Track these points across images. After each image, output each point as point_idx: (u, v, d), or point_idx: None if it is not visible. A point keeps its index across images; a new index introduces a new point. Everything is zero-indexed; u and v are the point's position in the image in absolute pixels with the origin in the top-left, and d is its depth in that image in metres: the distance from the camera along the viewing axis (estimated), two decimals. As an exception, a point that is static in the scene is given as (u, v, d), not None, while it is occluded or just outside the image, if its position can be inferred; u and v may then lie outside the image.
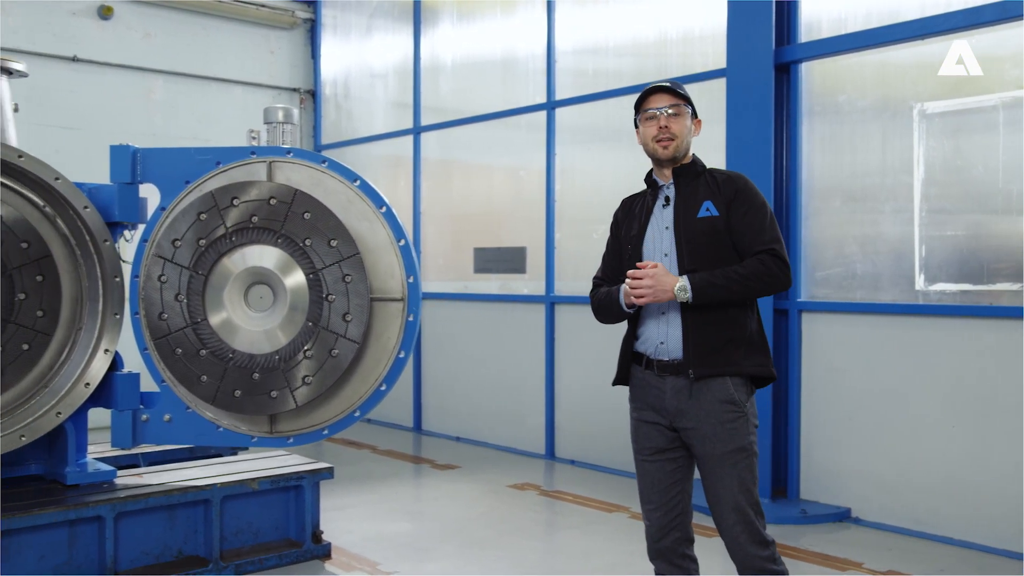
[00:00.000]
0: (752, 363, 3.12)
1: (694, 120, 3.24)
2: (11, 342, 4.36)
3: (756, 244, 3.08)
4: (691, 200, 3.17)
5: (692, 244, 3.12)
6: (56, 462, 4.58)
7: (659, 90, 3.18)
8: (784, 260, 3.07)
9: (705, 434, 3.07)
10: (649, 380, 3.18)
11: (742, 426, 3.07)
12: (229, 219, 4.35)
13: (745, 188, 3.16)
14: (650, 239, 3.22)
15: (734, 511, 3.08)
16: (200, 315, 4.37)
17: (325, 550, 4.89)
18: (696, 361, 3.07)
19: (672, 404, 3.12)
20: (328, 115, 10.17)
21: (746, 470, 3.08)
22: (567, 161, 7.46)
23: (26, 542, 4.07)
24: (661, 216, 3.22)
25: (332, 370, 4.35)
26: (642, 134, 3.22)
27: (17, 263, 4.36)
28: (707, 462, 3.10)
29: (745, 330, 3.13)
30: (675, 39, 6.73)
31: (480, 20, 8.36)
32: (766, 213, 3.14)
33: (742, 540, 3.09)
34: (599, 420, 7.09)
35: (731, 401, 3.07)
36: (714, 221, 3.12)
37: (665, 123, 3.13)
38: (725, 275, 3.03)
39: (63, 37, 8.45)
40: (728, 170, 3.30)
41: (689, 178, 3.20)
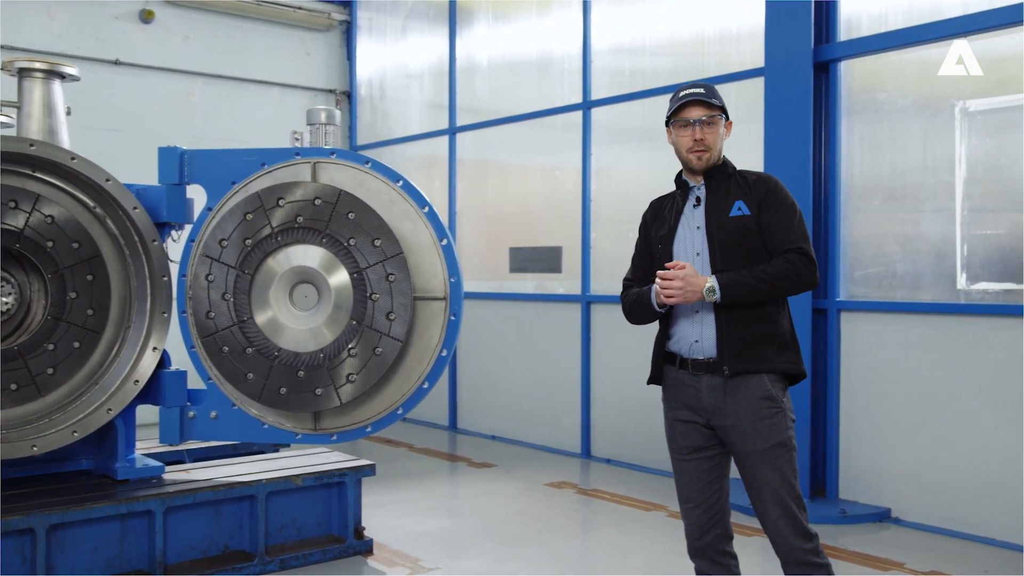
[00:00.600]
0: (784, 360, 3.17)
1: (726, 123, 3.29)
2: (63, 340, 4.47)
3: (784, 243, 3.12)
4: (722, 200, 3.21)
5: (724, 243, 3.16)
6: (106, 457, 4.68)
7: (694, 102, 3.21)
8: (811, 259, 3.11)
9: (745, 431, 3.10)
10: (684, 379, 3.22)
11: (780, 421, 3.12)
12: (275, 219, 4.42)
13: (775, 188, 3.21)
14: (681, 239, 3.26)
15: (777, 505, 3.11)
16: (246, 314, 4.45)
17: (367, 546, 4.95)
18: (730, 358, 3.11)
19: (709, 402, 3.16)
20: (364, 116, 10.26)
21: (787, 464, 3.12)
22: (603, 161, 7.48)
23: (80, 535, 4.17)
24: (692, 216, 3.26)
25: (376, 368, 4.41)
26: (675, 141, 3.27)
27: (69, 263, 4.47)
28: (748, 458, 3.13)
29: (778, 327, 3.18)
30: (712, 37, 6.72)
31: (515, 20, 8.39)
32: (795, 213, 3.18)
33: (787, 534, 3.11)
34: (635, 419, 7.10)
35: (768, 397, 3.11)
36: (746, 220, 3.16)
37: (700, 135, 3.19)
38: (753, 275, 3.07)
39: (106, 41, 8.60)
40: (759, 171, 3.33)
41: (720, 179, 3.25)
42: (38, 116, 4.54)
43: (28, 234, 4.35)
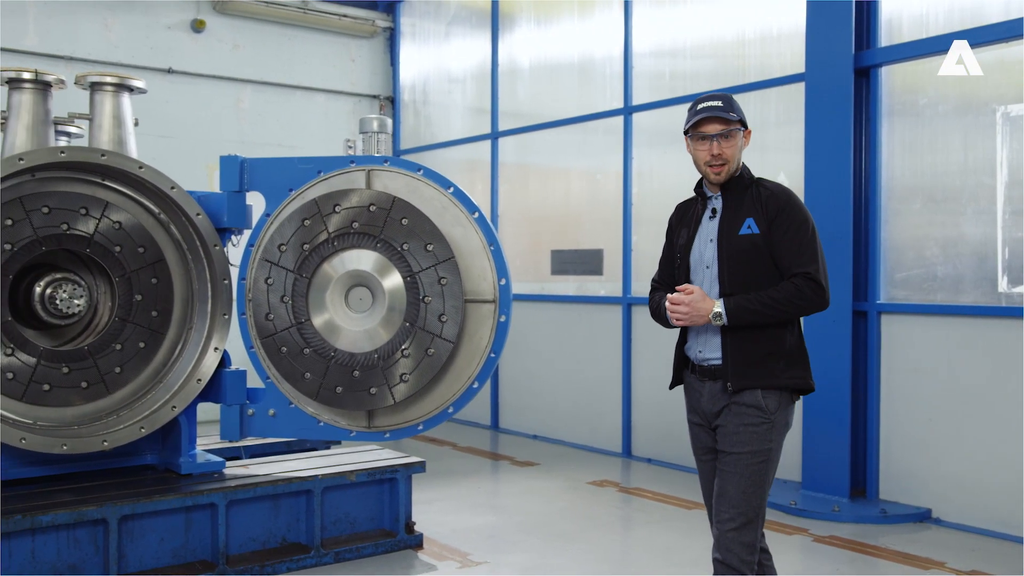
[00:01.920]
0: (790, 375, 3.23)
1: (744, 133, 3.30)
2: (129, 340, 4.68)
3: (794, 266, 3.16)
4: (735, 215, 3.26)
5: (732, 260, 3.23)
6: (170, 453, 4.88)
7: (711, 119, 3.23)
8: (819, 283, 3.14)
9: (727, 431, 3.24)
10: (693, 384, 3.39)
11: (763, 432, 3.19)
12: (331, 225, 4.60)
13: (787, 206, 3.22)
14: (696, 250, 3.36)
15: (733, 508, 3.19)
16: (304, 316, 4.63)
17: (417, 540, 5.11)
18: (735, 374, 3.21)
19: (708, 407, 3.31)
20: (407, 121, 10.45)
21: (757, 473, 3.19)
22: (643, 164, 7.59)
23: (148, 526, 4.38)
24: (707, 227, 3.34)
25: (428, 368, 4.57)
26: (694, 154, 3.32)
27: (135, 266, 4.68)
28: (723, 457, 3.26)
29: (784, 344, 3.23)
30: (753, 39, 6.79)
31: (557, 23, 8.51)
32: (806, 232, 3.20)
33: (731, 536, 3.19)
34: (676, 419, 7.17)
35: (757, 406, 3.20)
36: (754, 239, 3.21)
37: (718, 150, 3.22)
38: (760, 300, 3.14)
39: (159, 50, 8.87)
40: (774, 184, 3.33)
41: (737, 192, 3.29)
42: (108, 127, 4.75)
43: (98, 239, 4.57)
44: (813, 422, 6.08)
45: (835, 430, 5.94)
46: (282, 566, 4.64)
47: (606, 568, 4.94)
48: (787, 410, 3.27)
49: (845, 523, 5.61)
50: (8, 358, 4.36)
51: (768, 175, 6.39)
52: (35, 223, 4.40)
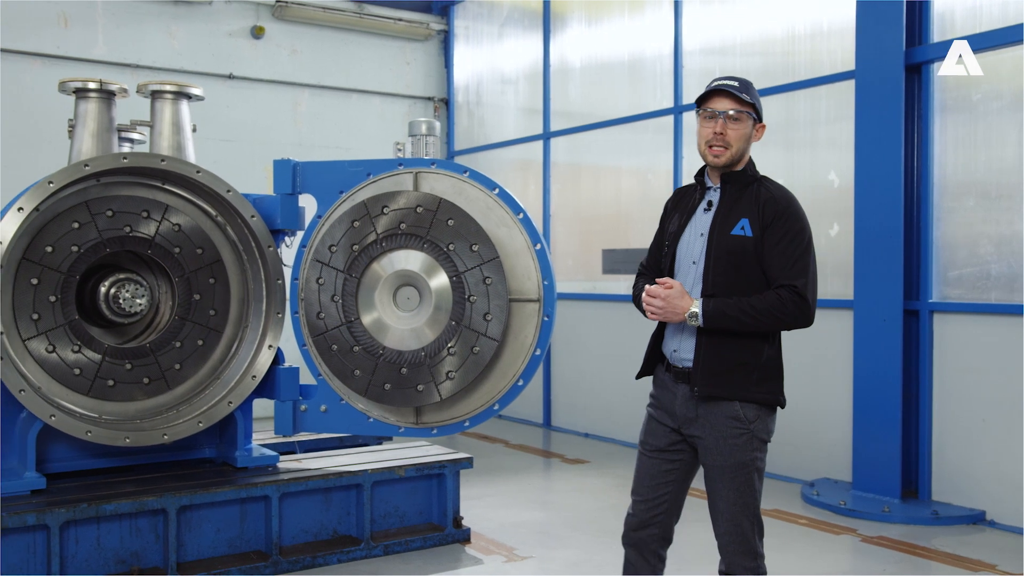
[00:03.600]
0: (761, 390, 3.12)
1: (757, 125, 3.14)
2: (188, 338, 4.88)
3: (781, 277, 3.02)
4: (730, 212, 3.11)
5: (720, 260, 3.09)
6: (226, 447, 5.07)
7: (723, 92, 3.07)
8: (804, 298, 3.00)
9: (708, 446, 3.13)
10: (666, 382, 3.25)
11: (746, 443, 3.10)
12: (380, 226, 4.72)
13: (785, 214, 3.07)
14: (685, 242, 3.21)
15: (727, 521, 3.15)
16: (353, 314, 4.77)
17: (465, 535, 5.22)
18: (702, 381, 3.09)
19: (681, 411, 3.18)
20: (460, 122, 10.58)
21: (744, 484, 3.12)
22: (694, 163, 7.58)
23: (205, 516, 4.55)
24: (701, 220, 3.19)
25: (474, 366, 4.67)
26: (699, 131, 3.15)
27: (193, 267, 4.87)
28: (709, 471, 3.18)
29: (759, 356, 3.11)
30: (803, 35, 6.74)
31: (608, 23, 8.55)
32: (800, 242, 3.05)
33: (731, 549, 3.16)
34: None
35: (736, 418, 3.10)
36: (745, 241, 3.07)
37: (721, 129, 3.06)
38: (739, 307, 3.01)
39: (220, 57, 9.13)
40: (776, 187, 3.15)
41: (737, 187, 3.14)
42: (168, 133, 4.95)
43: (158, 241, 4.77)
44: (864, 422, 6.04)
45: (886, 430, 5.89)
46: (333, 557, 4.78)
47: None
48: (767, 420, 3.16)
49: (895, 524, 5.56)
50: (75, 355, 4.57)
51: (819, 173, 6.48)
52: (100, 226, 4.61)
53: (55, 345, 4.53)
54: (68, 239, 4.53)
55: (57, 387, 4.53)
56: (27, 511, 4.11)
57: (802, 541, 5.30)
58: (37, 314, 4.48)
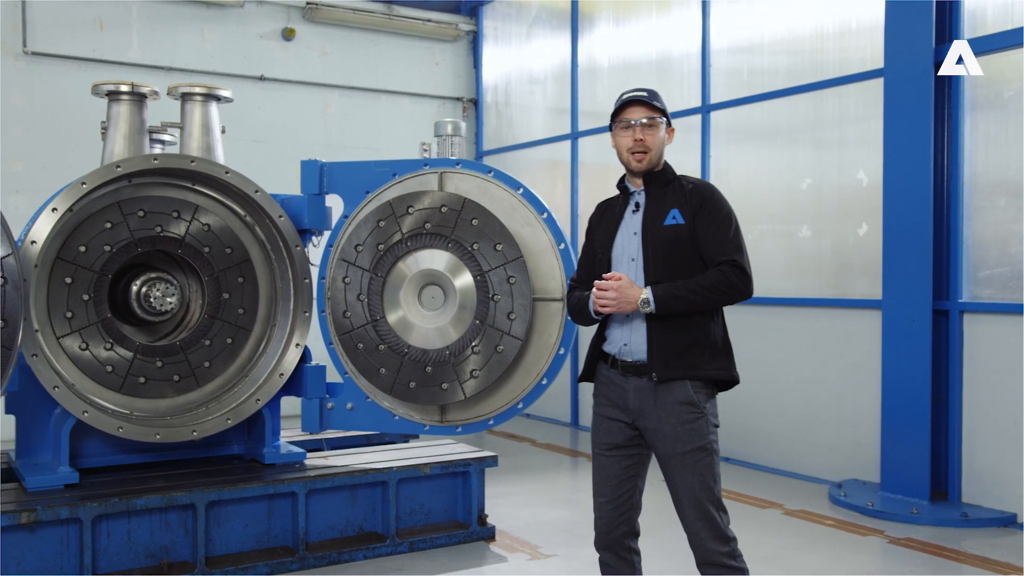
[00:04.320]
0: (715, 367, 3.22)
1: (668, 129, 3.32)
2: (217, 336, 4.95)
3: (719, 254, 3.16)
4: (659, 207, 3.26)
5: (658, 251, 3.21)
6: (254, 443, 5.14)
7: (636, 102, 3.26)
8: (744, 271, 3.15)
9: (666, 434, 3.17)
10: (613, 379, 3.30)
11: (702, 426, 3.17)
12: (405, 226, 4.77)
13: (711, 198, 3.24)
14: (619, 244, 3.33)
15: (695, 508, 3.17)
16: (379, 313, 4.82)
17: (490, 532, 5.25)
18: (659, 365, 3.17)
19: (634, 403, 3.23)
20: (489, 122, 10.61)
21: (706, 468, 3.17)
22: (721, 162, 7.56)
23: (234, 512, 4.62)
24: (631, 221, 3.33)
25: (497, 365, 4.70)
26: (617, 142, 3.32)
27: (222, 266, 4.95)
28: (668, 461, 3.21)
29: (709, 335, 3.22)
30: (831, 33, 6.69)
31: (635, 22, 8.53)
32: (731, 223, 3.21)
33: (702, 536, 3.18)
34: (752, 418, 7.17)
35: (690, 402, 3.17)
36: (678, 229, 3.20)
37: (640, 135, 3.23)
38: (687, 287, 3.12)
39: (252, 59, 9.24)
40: (697, 179, 3.35)
41: (659, 185, 3.30)
42: (197, 135, 5.04)
43: (188, 241, 4.85)
44: (892, 423, 5.99)
45: (915, 431, 5.84)
46: (359, 554, 4.83)
47: (675, 564, 4.97)
48: (714, 404, 3.25)
49: (924, 526, 5.51)
50: (108, 352, 4.67)
51: (847, 172, 6.44)
52: (132, 226, 4.70)
53: (88, 343, 4.62)
54: (101, 239, 4.62)
55: (90, 384, 4.63)
56: (60, 505, 4.20)
57: (828, 542, 5.27)
58: (71, 312, 4.58)
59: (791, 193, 6.91)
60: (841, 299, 6.56)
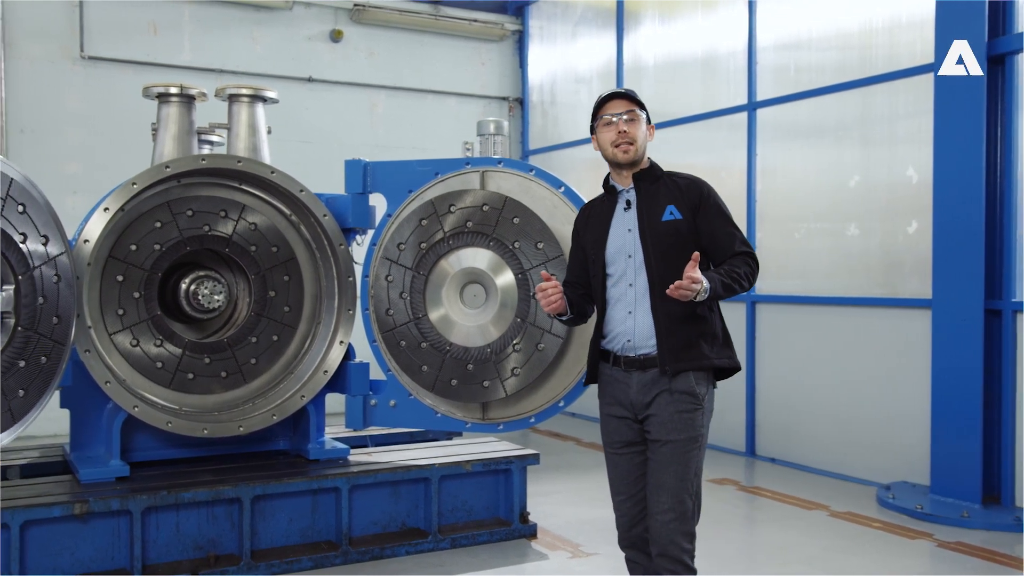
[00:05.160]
0: (721, 356, 3.28)
1: (648, 127, 3.34)
2: (264, 333, 5.04)
3: (735, 246, 3.25)
4: (653, 203, 3.28)
5: (658, 246, 3.24)
6: (299, 439, 5.21)
7: (616, 96, 3.31)
8: (758, 262, 3.28)
9: (663, 420, 3.22)
10: (616, 376, 3.33)
11: (697, 417, 3.23)
12: (447, 224, 4.80)
13: (710, 193, 3.31)
14: (613, 242, 3.34)
15: (672, 497, 3.19)
16: (421, 311, 4.86)
17: (531, 530, 5.26)
18: (669, 357, 3.21)
19: (638, 398, 3.27)
20: (535, 121, 10.62)
21: (694, 459, 3.22)
22: (768, 160, 7.48)
23: (279, 506, 4.70)
24: (623, 219, 3.34)
25: (538, 363, 4.71)
26: (600, 140, 3.35)
27: (268, 265, 5.03)
28: (658, 447, 3.24)
29: (713, 326, 3.29)
30: (880, 27, 6.58)
31: (681, 20, 8.47)
32: (731, 217, 3.32)
33: (672, 527, 3.18)
34: (801, 419, 7.08)
35: (690, 393, 3.22)
36: (677, 224, 3.25)
37: (624, 128, 3.26)
38: (731, 276, 3.17)
39: (300, 60, 9.37)
40: (687, 174, 3.38)
41: (649, 182, 3.32)
42: (244, 136, 5.12)
43: (235, 240, 4.94)
44: (943, 424, 5.87)
45: (966, 433, 5.72)
46: (401, 549, 4.88)
47: (718, 564, 4.94)
48: (712, 395, 3.30)
49: (975, 530, 5.39)
50: (158, 349, 4.78)
51: (897, 169, 6.34)
52: (180, 225, 4.80)
53: (139, 339, 4.73)
54: (151, 237, 4.73)
55: (140, 379, 4.74)
56: (112, 497, 4.31)
57: (875, 545, 5.19)
58: (122, 309, 4.69)
59: (839, 191, 6.81)
60: (890, 298, 6.45)
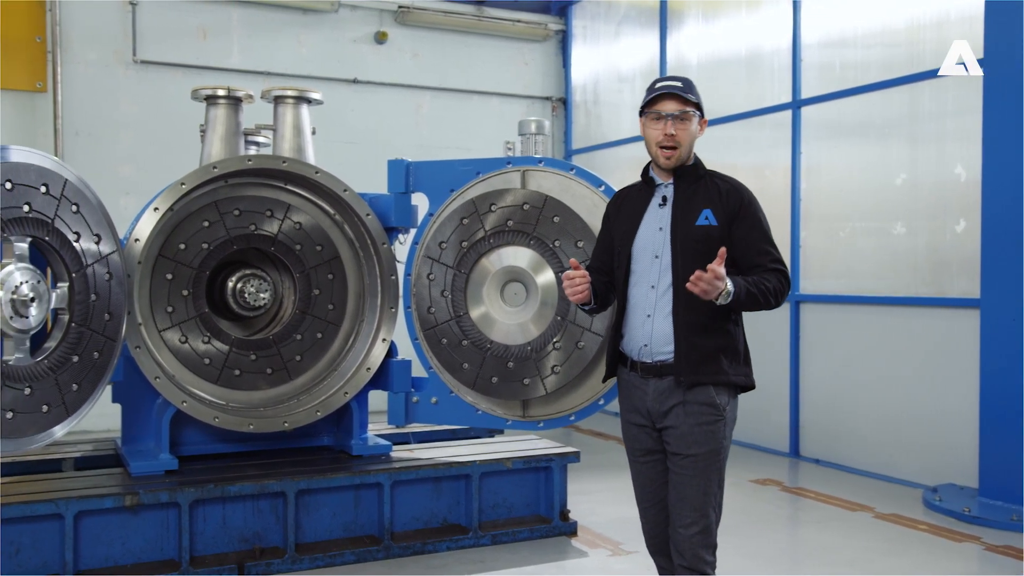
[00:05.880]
0: (739, 373, 3.17)
1: (701, 121, 3.22)
2: (308, 331, 5.12)
3: (767, 261, 3.11)
4: (689, 205, 3.16)
5: (687, 250, 3.12)
6: (343, 435, 5.29)
7: (668, 95, 3.16)
8: (790, 281, 3.15)
9: (683, 433, 3.12)
10: (633, 382, 3.24)
11: (719, 429, 3.13)
12: (488, 223, 4.85)
13: (751, 202, 3.17)
14: (642, 238, 3.22)
15: (695, 511, 3.13)
16: (462, 309, 4.91)
17: (572, 528, 5.28)
18: (687, 369, 3.10)
19: (653, 406, 3.17)
20: (578, 121, 10.63)
21: (715, 472, 3.14)
22: (813, 158, 7.41)
23: (323, 501, 4.78)
24: (656, 216, 3.23)
25: (578, 361, 4.73)
26: (646, 132, 3.21)
27: (313, 263, 5.12)
28: (678, 460, 3.15)
29: (735, 340, 3.16)
30: (928, 23, 6.48)
31: (725, 17, 8.43)
32: (768, 229, 3.18)
33: (696, 540, 3.13)
34: (846, 420, 7.01)
35: (711, 404, 3.12)
36: (710, 230, 3.12)
37: (671, 129, 3.13)
38: (758, 286, 3.04)
39: (346, 62, 9.49)
40: (730, 177, 3.25)
41: (689, 181, 3.20)
42: (289, 137, 5.21)
43: (280, 239, 5.03)
44: (991, 426, 5.77)
45: (1016, 434, 5.60)
46: (442, 545, 4.93)
47: (761, 563, 4.92)
48: (735, 405, 3.21)
49: (1024, 533, 5.31)
50: (205, 345, 4.89)
51: (945, 167, 6.25)
52: (228, 224, 4.90)
53: (187, 336, 4.84)
54: (199, 237, 4.84)
55: (188, 375, 4.85)
56: (161, 489, 4.42)
57: (921, 547, 5.12)
58: (171, 307, 4.81)
59: (884, 189, 6.73)
60: (937, 298, 6.36)
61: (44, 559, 4.21)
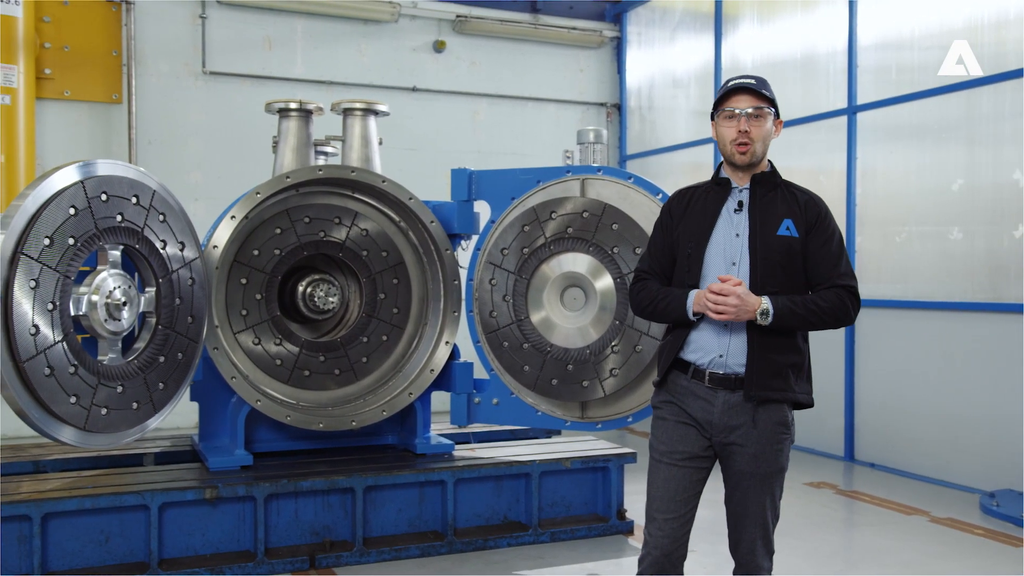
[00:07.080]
0: (803, 391, 3.10)
1: (776, 121, 3.11)
2: (374, 334, 5.33)
3: (835, 276, 3.01)
4: (769, 213, 3.04)
5: (767, 261, 3.01)
6: (407, 434, 5.49)
7: (742, 90, 3.04)
8: (859, 299, 3.03)
9: (754, 453, 3.03)
10: (696, 391, 3.06)
11: (786, 447, 3.09)
12: (548, 230, 5.01)
13: (827, 215, 3.08)
14: (716, 243, 3.07)
15: (759, 527, 3.10)
16: (523, 313, 5.07)
17: (628, 527, 5.41)
18: (758, 384, 2.99)
19: (721, 419, 3.04)
20: (633, 127, 10.73)
21: (778, 488, 3.11)
22: (868, 162, 7.44)
23: (388, 497, 4.98)
24: (731, 221, 3.08)
25: (636, 364, 4.87)
26: (719, 133, 3.09)
27: (379, 268, 5.32)
28: (745, 479, 3.06)
29: (804, 357, 3.09)
30: (987, 25, 6.46)
31: (780, 21, 8.46)
32: (842, 244, 3.08)
33: (757, 552, 3.11)
34: (902, 423, 7.02)
35: (783, 423, 3.06)
36: (791, 242, 3.01)
37: (745, 127, 3.01)
38: (806, 305, 2.95)
39: (405, 71, 9.73)
40: (805, 188, 3.16)
41: (767, 188, 3.09)
42: (357, 147, 5.43)
43: (348, 245, 5.25)
44: (1050, 431, 5.77)
45: (1075, 440, 5.62)
46: (503, 541, 5.10)
47: (815, 564, 5.00)
48: (794, 420, 3.15)
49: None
50: (277, 347, 5.11)
51: (1002, 171, 6.28)
52: (298, 231, 5.13)
53: (260, 338, 5.08)
54: (272, 243, 5.07)
55: (261, 376, 5.08)
56: (238, 483, 4.66)
57: (977, 552, 5.16)
58: (246, 310, 5.05)
59: (941, 194, 6.74)
60: (995, 303, 6.36)
61: (131, 547, 4.47)
